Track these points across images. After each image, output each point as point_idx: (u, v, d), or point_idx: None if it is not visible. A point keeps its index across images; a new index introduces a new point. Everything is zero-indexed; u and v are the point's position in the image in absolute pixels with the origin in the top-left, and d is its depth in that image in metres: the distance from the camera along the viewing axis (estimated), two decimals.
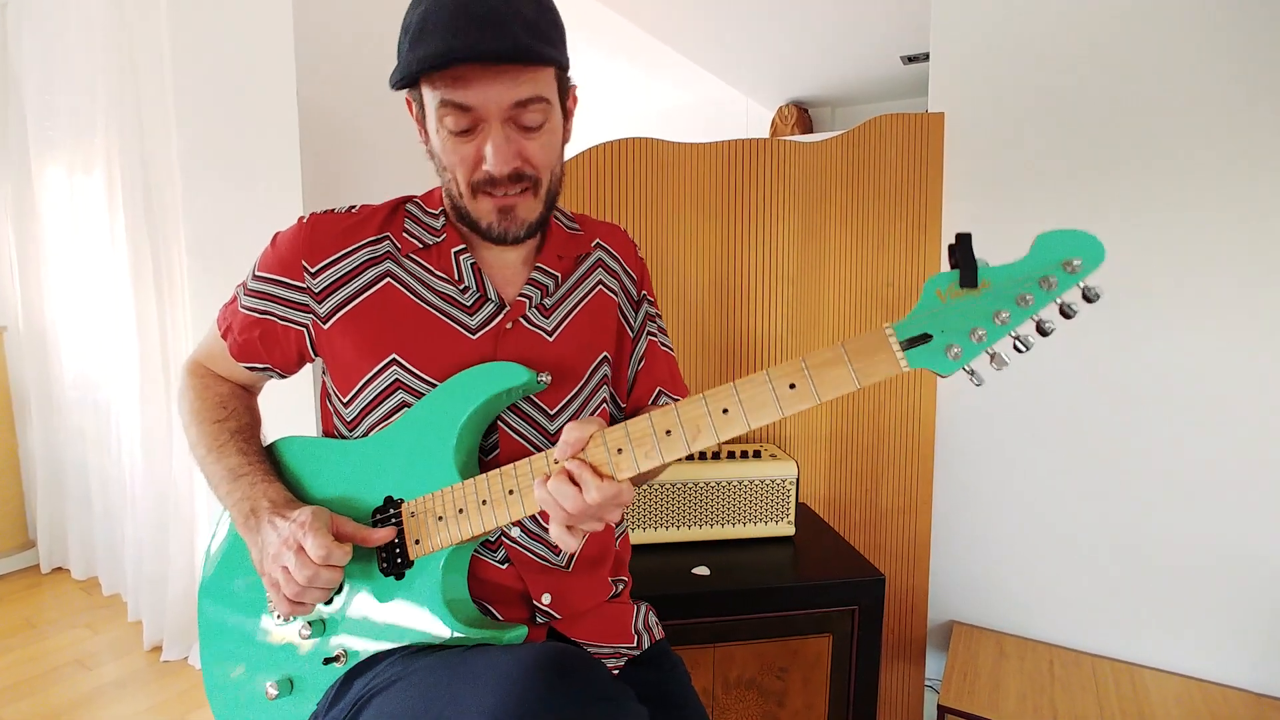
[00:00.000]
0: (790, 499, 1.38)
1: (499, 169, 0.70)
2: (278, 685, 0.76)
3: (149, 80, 2.04)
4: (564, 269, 0.84)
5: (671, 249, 1.63)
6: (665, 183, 1.62)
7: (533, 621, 0.79)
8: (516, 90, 0.68)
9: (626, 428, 0.66)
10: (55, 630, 2.30)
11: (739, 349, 1.68)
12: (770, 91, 4.22)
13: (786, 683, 1.23)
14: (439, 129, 0.71)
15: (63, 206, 2.53)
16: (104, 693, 1.96)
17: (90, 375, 2.53)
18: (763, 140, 1.64)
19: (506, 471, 0.70)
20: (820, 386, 0.60)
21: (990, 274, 0.56)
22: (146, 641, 2.19)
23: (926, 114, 1.66)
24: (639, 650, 0.85)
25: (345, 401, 0.78)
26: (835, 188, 1.69)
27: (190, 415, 0.83)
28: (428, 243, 0.79)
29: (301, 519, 0.69)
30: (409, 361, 0.76)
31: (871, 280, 1.70)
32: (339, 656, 0.74)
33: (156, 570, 2.19)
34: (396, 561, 0.73)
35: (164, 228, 2.11)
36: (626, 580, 0.91)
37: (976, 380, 0.59)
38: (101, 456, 2.52)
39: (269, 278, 0.79)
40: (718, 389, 0.63)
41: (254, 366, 0.83)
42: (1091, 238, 0.54)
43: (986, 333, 0.56)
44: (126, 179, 2.11)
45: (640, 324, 0.91)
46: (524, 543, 0.79)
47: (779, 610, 1.21)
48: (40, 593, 2.58)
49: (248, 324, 0.80)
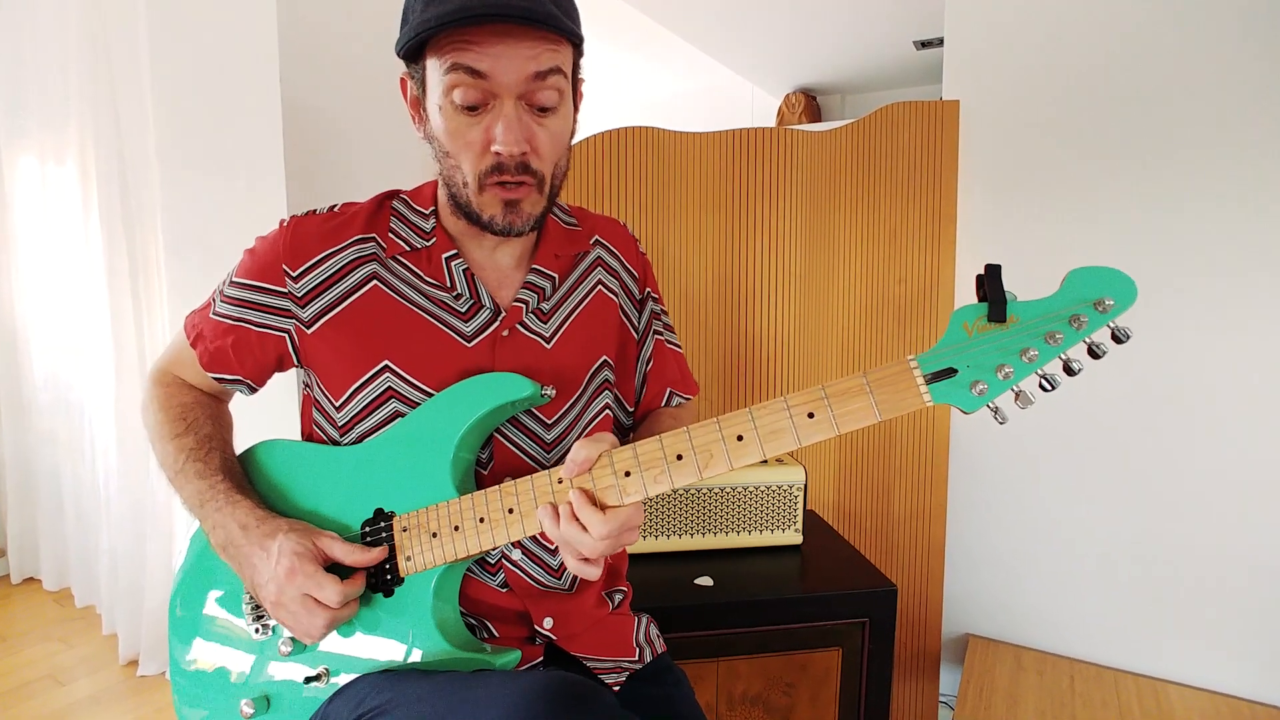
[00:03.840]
0: (798, 506, 1.38)
1: (509, 148, 0.68)
2: (254, 704, 0.75)
3: (124, 65, 2.03)
4: (561, 268, 0.83)
5: (674, 242, 1.64)
6: (667, 173, 1.62)
7: (531, 641, 0.79)
8: (537, 60, 0.67)
9: (635, 450, 0.65)
10: (26, 644, 2.30)
11: (744, 348, 1.68)
12: (777, 78, 4.23)
13: (794, 699, 1.23)
14: (443, 104, 0.68)
15: (34, 197, 2.53)
16: (79, 709, 1.96)
17: (63, 376, 2.53)
18: (769, 129, 1.64)
19: (506, 489, 0.70)
20: (840, 418, 0.61)
21: (1019, 309, 0.57)
22: (122, 655, 2.19)
23: (941, 102, 1.66)
24: (641, 664, 0.85)
25: (337, 406, 0.77)
26: (845, 179, 1.69)
27: (154, 431, 0.83)
28: (416, 245, 0.78)
29: (289, 563, 0.68)
30: (402, 369, 0.75)
31: (883, 277, 1.70)
32: (320, 675, 0.73)
33: (133, 581, 2.19)
34: (386, 578, 0.73)
35: (141, 221, 2.11)
36: (625, 590, 0.91)
37: (1000, 418, 0.59)
38: (75, 461, 2.52)
39: (247, 284, 0.78)
40: (733, 415, 0.64)
41: (222, 378, 0.82)
42: (1125, 277, 0.55)
43: (1014, 370, 0.57)
44: (101, 169, 2.11)
45: (645, 324, 0.91)
46: (525, 566, 0.78)
47: (786, 623, 1.21)
48: (10, 604, 2.58)
49: (220, 331, 0.79)
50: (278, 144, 1.20)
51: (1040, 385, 0.58)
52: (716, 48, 3.66)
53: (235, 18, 1.24)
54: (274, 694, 0.76)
